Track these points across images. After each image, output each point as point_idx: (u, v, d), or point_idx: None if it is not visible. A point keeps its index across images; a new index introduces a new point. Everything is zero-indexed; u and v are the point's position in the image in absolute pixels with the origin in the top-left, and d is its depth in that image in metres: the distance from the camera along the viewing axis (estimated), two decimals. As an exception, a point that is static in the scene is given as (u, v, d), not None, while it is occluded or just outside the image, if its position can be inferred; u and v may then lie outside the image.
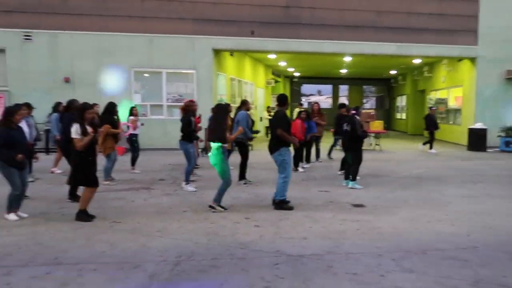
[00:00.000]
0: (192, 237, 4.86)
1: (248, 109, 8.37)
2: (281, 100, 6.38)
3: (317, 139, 10.97)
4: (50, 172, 8.93)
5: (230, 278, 3.76)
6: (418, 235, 5.02)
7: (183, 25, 13.49)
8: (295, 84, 30.20)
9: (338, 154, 10.70)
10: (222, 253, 4.35)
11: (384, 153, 13.72)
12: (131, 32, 13.31)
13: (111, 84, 13.26)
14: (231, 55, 15.82)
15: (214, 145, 5.85)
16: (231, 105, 9.14)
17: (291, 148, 6.41)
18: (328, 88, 36.76)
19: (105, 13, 13.18)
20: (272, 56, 17.57)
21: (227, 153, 6.15)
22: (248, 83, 18.41)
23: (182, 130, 7.44)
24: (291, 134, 6.32)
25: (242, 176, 8.10)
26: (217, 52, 14.12)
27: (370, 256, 4.31)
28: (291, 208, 6.11)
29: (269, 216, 5.78)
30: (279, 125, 6.09)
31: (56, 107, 9.29)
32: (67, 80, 13.14)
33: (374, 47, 14.54)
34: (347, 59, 17.91)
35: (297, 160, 9.60)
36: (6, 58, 12.98)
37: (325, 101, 37.70)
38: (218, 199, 6.00)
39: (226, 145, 5.89)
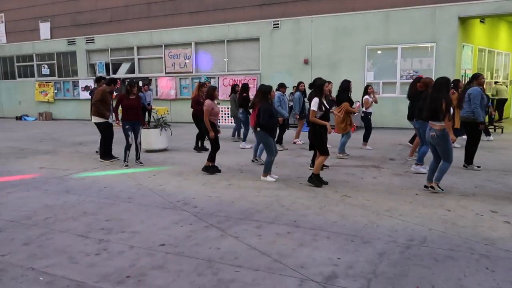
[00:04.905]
0: (425, 222, 4.56)
1: (480, 84, 7.19)
2: None
3: None
4: (293, 143, 10.16)
5: (470, 274, 3.35)
6: None
7: (425, -6, 12.43)
8: None
9: None
10: (460, 245, 3.92)
11: None
12: (368, 10, 13.21)
13: (345, 63, 13.65)
14: (481, 21, 13.59)
15: (435, 124, 5.57)
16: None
17: None
18: None
19: (343, -6, 13.52)
20: (539, 18, 14.15)
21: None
22: (502, 53, 15.49)
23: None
24: None
25: (468, 160, 7.18)
26: (463, 20, 12.41)
27: None
28: None
29: (525, 213, 4.81)
30: None
31: (298, 86, 10.40)
32: (306, 62, 14.31)
33: None
34: None
35: None
36: (259, 46, 15.18)
37: None
38: (439, 177, 5.75)
39: (443, 125, 5.50)
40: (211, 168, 7.15)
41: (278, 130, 9.51)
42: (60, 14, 19.00)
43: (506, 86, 15.38)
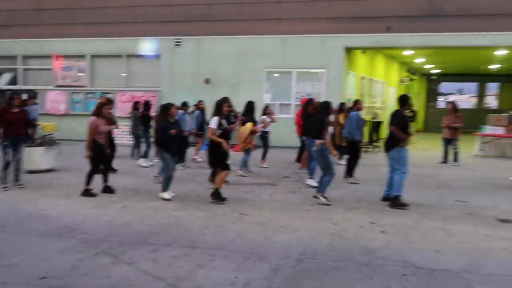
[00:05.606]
0: (316, 236, 4.88)
1: (359, 109, 8.40)
2: (402, 100, 6.60)
3: (449, 142, 10.94)
4: (192, 159, 10.17)
5: (353, 282, 3.67)
6: None
7: (316, 24, 13.52)
8: (432, 82, 27.68)
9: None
10: (345, 256, 4.27)
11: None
12: (266, 34, 13.90)
13: (245, 84, 14.11)
14: (363, 52, 15.29)
15: (316, 140, 6.36)
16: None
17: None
18: (472, 86, 32.65)
19: (243, 18, 14.01)
20: (408, 53, 16.40)
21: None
22: (379, 81, 17.56)
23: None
24: (407, 134, 6.36)
25: (348, 173, 8.25)
26: (348, 50, 13.82)
27: (520, 281, 3.72)
28: (406, 205, 6.16)
29: (396, 223, 5.44)
30: (393, 123, 6.31)
31: (198, 105, 10.51)
32: (207, 81, 14.44)
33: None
34: (501, 52, 15.63)
35: None
36: (160, 63, 14.89)
37: (467, 101, 33.69)
38: (322, 189, 6.38)
39: (324, 141, 6.30)
40: (88, 192, 6.64)
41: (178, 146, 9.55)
42: None
43: (382, 110, 17.44)
